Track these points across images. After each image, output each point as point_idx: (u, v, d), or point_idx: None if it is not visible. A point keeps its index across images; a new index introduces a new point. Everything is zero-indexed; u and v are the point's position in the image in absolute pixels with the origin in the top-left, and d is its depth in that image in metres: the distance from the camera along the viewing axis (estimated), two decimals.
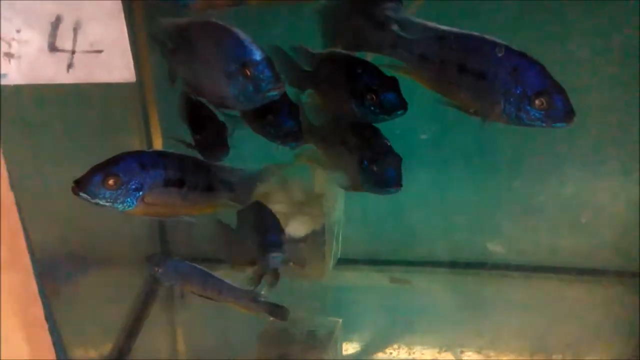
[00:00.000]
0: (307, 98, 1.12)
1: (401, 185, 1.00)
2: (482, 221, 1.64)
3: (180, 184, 1.06)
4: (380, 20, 0.98)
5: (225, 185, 1.15)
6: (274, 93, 0.88)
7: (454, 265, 1.66)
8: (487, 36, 0.88)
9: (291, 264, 1.44)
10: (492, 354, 1.46)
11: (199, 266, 1.29)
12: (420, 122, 1.39)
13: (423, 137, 1.44)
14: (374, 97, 0.94)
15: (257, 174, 1.22)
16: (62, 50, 0.78)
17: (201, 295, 1.32)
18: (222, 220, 1.25)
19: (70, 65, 0.79)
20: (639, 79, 1.41)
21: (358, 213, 1.61)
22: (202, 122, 1.11)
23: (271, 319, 1.51)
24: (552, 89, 0.84)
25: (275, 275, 1.16)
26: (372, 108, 0.95)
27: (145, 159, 1.01)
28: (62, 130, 1.25)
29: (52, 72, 0.80)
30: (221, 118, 1.11)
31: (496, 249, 1.64)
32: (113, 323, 1.51)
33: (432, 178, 1.61)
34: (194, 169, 1.09)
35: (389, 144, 1.01)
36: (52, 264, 1.31)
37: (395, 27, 0.96)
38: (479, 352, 1.47)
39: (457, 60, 0.90)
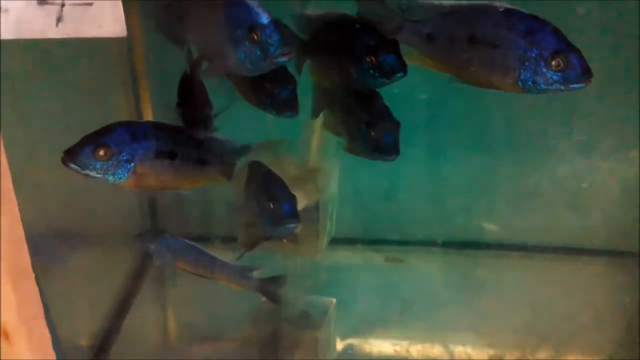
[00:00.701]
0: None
1: (398, 153, 0.98)
2: (477, 201, 1.63)
3: (172, 155, 1.04)
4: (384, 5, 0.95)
5: (216, 157, 1.13)
6: (283, 59, 0.85)
7: (449, 244, 1.65)
8: (495, 3, 0.86)
9: (284, 240, 1.43)
10: (486, 332, 1.45)
11: (191, 242, 1.26)
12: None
13: (422, 97, 1.42)
14: (373, 59, 0.91)
15: (246, 147, 1.21)
16: (51, 3, 0.75)
17: (193, 273, 1.30)
18: None
19: (59, 19, 0.76)
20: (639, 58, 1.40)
21: (352, 191, 1.59)
22: (189, 95, 1.08)
23: (263, 299, 1.51)
24: (568, 49, 0.82)
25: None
26: (371, 71, 0.92)
27: (137, 130, 0.99)
28: (47, 90, 1.22)
29: (41, 26, 0.76)
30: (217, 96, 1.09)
31: (491, 228, 1.63)
32: (102, 300, 1.48)
33: (426, 157, 1.60)
34: (186, 141, 1.07)
35: (388, 109, 0.99)
36: (39, 240, 1.29)
37: (398, 11, 0.93)
38: (473, 332, 1.45)
39: (466, 34, 0.87)
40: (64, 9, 0.75)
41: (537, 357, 1.40)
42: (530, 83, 0.84)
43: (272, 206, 1.08)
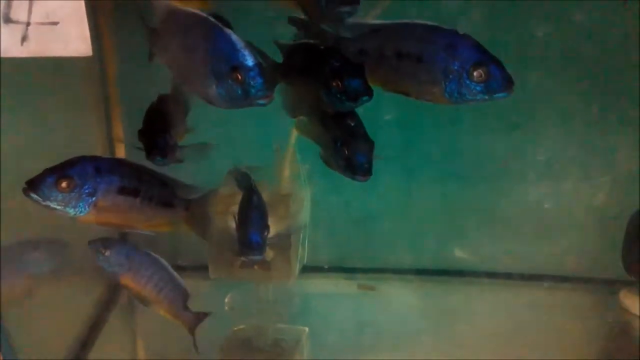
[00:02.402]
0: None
1: (370, 175, 0.99)
2: (449, 228, 1.64)
3: (135, 193, 1.04)
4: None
5: (180, 203, 1.13)
6: (263, 102, 0.87)
7: (422, 272, 1.65)
8: (418, 21, 0.92)
9: (256, 267, 1.42)
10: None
11: (158, 259, 1.23)
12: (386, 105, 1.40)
13: (387, 117, 1.44)
14: (339, 83, 0.93)
15: (212, 191, 1.21)
16: (17, 22, 0.75)
17: (132, 295, 1.23)
18: None
19: (24, 38, 0.76)
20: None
21: (325, 218, 1.59)
22: (152, 123, 1.10)
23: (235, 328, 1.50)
24: (488, 60, 0.86)
25: None
26: (338, 95, 0.94)
27: (101, 164, 1.00)
28: (21, 110, 1.21)
29: (6, 44, 0.77)
30: None
31: (463, 255, 1.64)
32: (69, 330, 1.45)
33: (398, 185, 1.61)
34: (151, 180, 1.07)
35: (363, 127, 1.01)
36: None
37: (333, 30, 1.00)
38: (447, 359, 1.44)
39: (393, 50, 0.93)
40: (29, 28, 0.76)
41: None
42: (456, 94, 0.88)
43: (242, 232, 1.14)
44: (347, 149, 0.98)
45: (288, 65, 1.09)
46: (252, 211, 1.18)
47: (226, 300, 1.54)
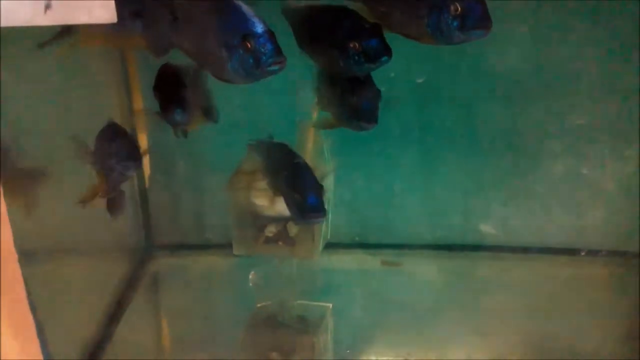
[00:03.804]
0: None
1: (376, 122, 1.00)
2: (473, 202, 1.62)
3: None
4: None
5: None
6: (275, 67, 0.84)
7: (446, 247, 1.64)
8: None
9: (280, 242, 1.42)
10: (487, 334, 1.43)
11: None
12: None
13: (419, 80, 1.42)
14: (357, 45, 0.92)
15: None
16: None
17: None
18: None
19: (47, 6, 0.75)
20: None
21: (348, 195, 1.58)
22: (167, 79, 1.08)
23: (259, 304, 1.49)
24: None
25: None
26: (356, 57, 0.93)
27: None
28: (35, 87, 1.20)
29: (29, 13, 0.75)
30: None
31: (488, 230, 1.62)
32: (95, 312, 1.45)
33: (421, 160, 1.59)
34: None
35: (371, 79, 1.01)
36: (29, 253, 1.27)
37: None
38: (473, 334, 1.43)
39: None
40: None
41: (539, 358, 1.37)
42: (437, 32, 0.85)
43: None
44: (353, 97, 0.99)
45: (300, 29, 1.07)
46: (302, 172, 1.14)
47: (250, 276, 1.54)
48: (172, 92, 1.03)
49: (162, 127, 1.13)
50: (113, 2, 0.75)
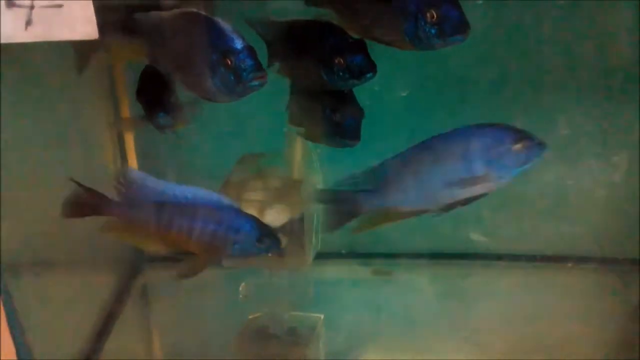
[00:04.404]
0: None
1: (358, 139, 1.00)
2: (464, 210, 1.61)
3: None
4: None
5: None
6: (256, 83, 0.85)
7: (437, 256, 1.63)
8: None
9: (269, 254, 1.41)
10: (478, 343, 1.42)
11: None
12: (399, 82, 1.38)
13: (403, 94, 1.41)
14: (341, 61, 0.92)
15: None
16: (20, 6, 0.73)
17: None
18: None
19: (28, 22, 0.74)
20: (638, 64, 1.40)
21: None
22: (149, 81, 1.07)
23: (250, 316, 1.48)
24: (443, 1, 0.83)
25: None
26: (341, 73, 0.93)
27: None
28: (21, 97, 1.19)
29: (10, 30, 0.75)
30: None
31: (479, 238, 1.61)
32: (84, 324, 1.44)
33: None
34: None
35: (353, 96, 1.01)
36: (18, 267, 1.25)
37: None
38: (465, 343, 1.42)
39: None
40: (33, 11, 0.74)
41: None
42: (414, 38, 0.85)
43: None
44: (336, 114, 0.99)
45: (279, 44, 1.06)
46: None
47: (240, 289, 1.53)
48: (154, 95, 1.02)
49: (149, 134, 1.13)
50: (94, 18, 0.74)
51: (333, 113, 0.99)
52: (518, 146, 0.95)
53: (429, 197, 1.05)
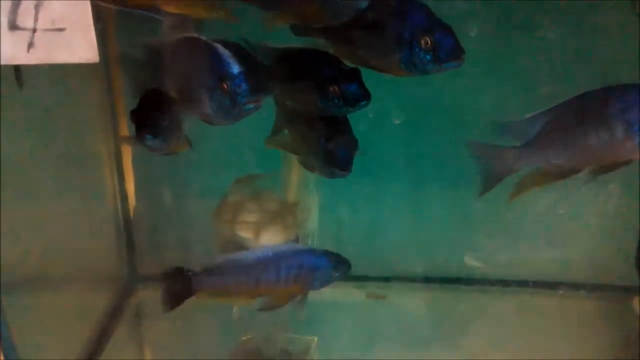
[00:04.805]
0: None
1: (349, 170, 1.00)
2: (458, 235, 1.62)
3: None
4: None
5: None
6: (250, 106, 0.88)
7: (431, 280, 1.63)
8: None
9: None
10: None
11: None
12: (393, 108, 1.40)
13: (396, 122, 1.43)
14: (337, 89, 0.94)
15: None
16: (23, 29, 0.75)
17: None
18: None
19: (30, 45, 0.76)
20: None
21: (333, 226, 1.58)
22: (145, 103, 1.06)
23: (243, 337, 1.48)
24: (436, 27, 0.84)
25: None
26: (336, 101, 0.95)
27: None
28: (21, 115, 1.20)
29: (12, 52, 0.76)
30: None
31: (473, 263, 1.62)
32: (76, 342, 1.43)
33: (407, 192, 1.60)
34: None
35: (349, 126, 1.02)
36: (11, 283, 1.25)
37: None
38: None
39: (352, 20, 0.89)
40: (35, 34, 0.75)
41: None
42: (409, 65, 0.86)
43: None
44: (329, 143, 0.99)
45: (278, 71, 1.08)
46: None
47: (234, 309, 1.53)
48: (145, 117, 1.02)
49: (147, 154, 1.13)
50: (95, 42, 0.75)
51: (326, 142, 1.00)
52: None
53: (578, 156, 1.01)
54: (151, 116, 1.02)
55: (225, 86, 0.86)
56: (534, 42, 1.39)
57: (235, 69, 0.87)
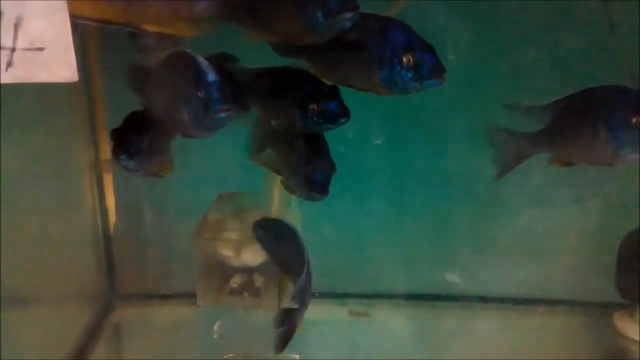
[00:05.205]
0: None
1: (326, 194, 0.99)
2: (441, 252, 1.63)
3: None
4: None
5: None
6: (222, 115, 0.88)
7: (414, 297, 1.63)
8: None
9: (245, 294, 1.40)
10: None
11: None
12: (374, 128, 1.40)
13: (377, 142, 1.43)
14: (316, 107, 0.94)
15: None
16: (2, 48, 0.74)
17: None
18: None
19: (9, 64, 0.75)
20: None
21: (316, 243, 1.57)
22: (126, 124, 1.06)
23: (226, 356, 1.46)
24: (417, 46, 0.84)
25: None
26: (315, 118, 0.95)
27: None
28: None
29: None
30: None
31: (455, 280, 1.62)
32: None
33: (389, 209, 1.60)
34: None
35: (327, 149, 1.02)
36: None
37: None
38: None
39: (334, 39, 0.89)
40: (14, 53, 0.74)
41: None
42: (390, 83, 0.86)
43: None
44: (307, 167, 0.99)
45: (256, 90, 1.09)
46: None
47: (215, 328, 1.51)
48: (123, 138, 1.01)
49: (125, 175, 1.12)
50: (75, 62, 0.75)
51: (304, 166, 1.00)
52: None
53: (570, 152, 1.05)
54: (129, 136, 1.01)
55: (200, 94, 0.86)
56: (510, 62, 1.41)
57: (210, 77, 0.87)
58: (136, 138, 1.00)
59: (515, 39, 1.40)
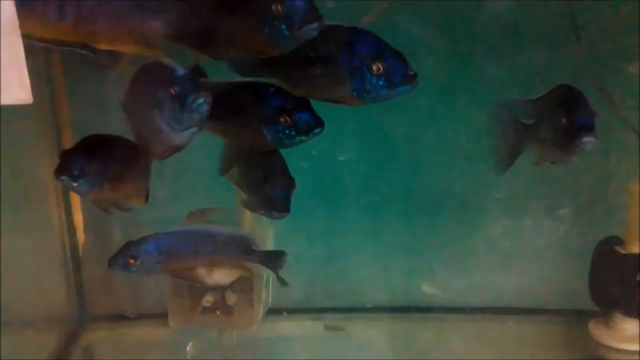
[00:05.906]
0: None
1: (287, 211, 0.97)
2: (416, 264, 1.62)
3: None
4: None
5: None
6: (201, 102, 0.83)
7: (390, 309, 1.62)
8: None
9: (218, 312, 1.37)
10: None
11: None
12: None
13: (340, 158, 1.42)
14: (288, 119, 0.91)
15: None
16: None
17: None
18: None
19: None
20: None
21: (290, 258, 1.55)
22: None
23: None
24: (386, 53, 0.84)
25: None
26: (287, 131, 0.92)
27: None
28: None
29: None
30: None
31: (431, 291, 1.61)
32: None
33: (364, 222, 1.59)
34: None
35: (285, 166, 1.00)
36: None
37: None
38: None
39: (301, 54, 0.87)
40: None
41: None
42: (362, 92, 0.85)
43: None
44: (266, 185, 0.97)
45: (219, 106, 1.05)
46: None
47: (188, 349, 1.48)
48: (68, 158, 0.97)
49: None
50: (29, 83, 0.72)
51: (263, 183, 0.97)
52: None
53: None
54: (73, 157, 0.97)
55: (172, 92, 0.83)
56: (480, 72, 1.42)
57: (180, 71, 0.85)
58: (81, 160, 0.96)
59: (485, 51, 1.41)
